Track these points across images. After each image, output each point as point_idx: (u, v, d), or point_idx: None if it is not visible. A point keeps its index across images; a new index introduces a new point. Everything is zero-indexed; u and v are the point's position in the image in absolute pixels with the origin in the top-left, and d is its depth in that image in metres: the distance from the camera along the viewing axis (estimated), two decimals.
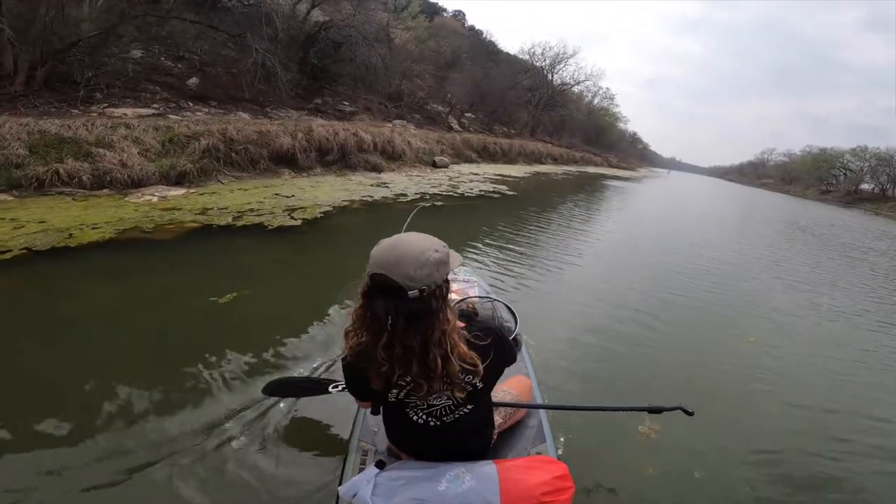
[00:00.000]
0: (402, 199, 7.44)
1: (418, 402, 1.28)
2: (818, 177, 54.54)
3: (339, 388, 1.89)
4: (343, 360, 1.29)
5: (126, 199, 5.37)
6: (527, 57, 35.15)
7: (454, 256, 1.23)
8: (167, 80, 10.94)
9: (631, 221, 10.86)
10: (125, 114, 8.65)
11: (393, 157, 11.05)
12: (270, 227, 4.64)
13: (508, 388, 1.76)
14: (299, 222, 4.93)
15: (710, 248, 7.70)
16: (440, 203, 7.52)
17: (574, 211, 10.13)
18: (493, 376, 1.34)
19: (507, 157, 20.62)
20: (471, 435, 1.40)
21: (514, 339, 1.89)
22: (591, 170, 31.51)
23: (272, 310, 3.03)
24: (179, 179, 6.35)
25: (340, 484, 1.40)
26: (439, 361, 1.14)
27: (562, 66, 35.85)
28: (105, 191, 5.67)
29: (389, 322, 1.11)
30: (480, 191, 10.12)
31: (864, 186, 47.74)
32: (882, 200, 40.58)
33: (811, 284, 6.16)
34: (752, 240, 9.50)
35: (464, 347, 1.19)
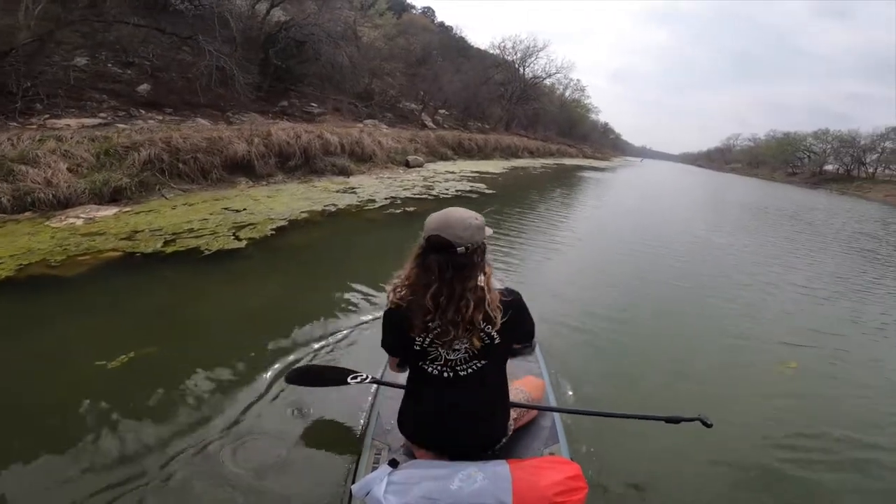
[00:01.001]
0: (371, 205, 6.66)
1: (439, 351, 1.38)
2: (784, 160, 55.38)
3: (358, 379, 1.92)
4: (386, 308, 1.45)
5: (48, 222, 4.55)
6: (497, 51, 34.57)
7: (487, 228, 1.41)
8: (115, 88, 9.97)
9: (622, 216, 10.30)
10: (68, 124, 7.75)
11: (363, 158, 10.27)
12: (208, 252, 3.84)
13: (521, 386, 1.77)
14: (244, 243, 4.13)
15: (716, 248, 7.17)
16: (412, 209, 6.76)
17: (560, 208, 9.46)
18: (508, 336, 1.41)
19: (483, 153, 19.94)
20: (484, 401, 1.46)
21: (531, 343, 2.09)
22: (567, 161, 31.05)
23: (179, 375, 2.27)
24: (115, 196, 5.51)
25: (353, 482, 1.41)
26: (471, 306, 1.32)
27: (533, 59, 35.43)
28: (27, 214, 4.83)
29: (441, 273, 1.32)
30: (457, 191, 9.39)
31: (828, 167, 48.55)
32: (847, 180, 41.19)
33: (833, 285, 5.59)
34: (757, 238, 8.29)
35: (495, 293, 1.38)
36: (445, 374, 1.41)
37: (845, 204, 22.54)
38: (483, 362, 1.41)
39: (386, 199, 7.25)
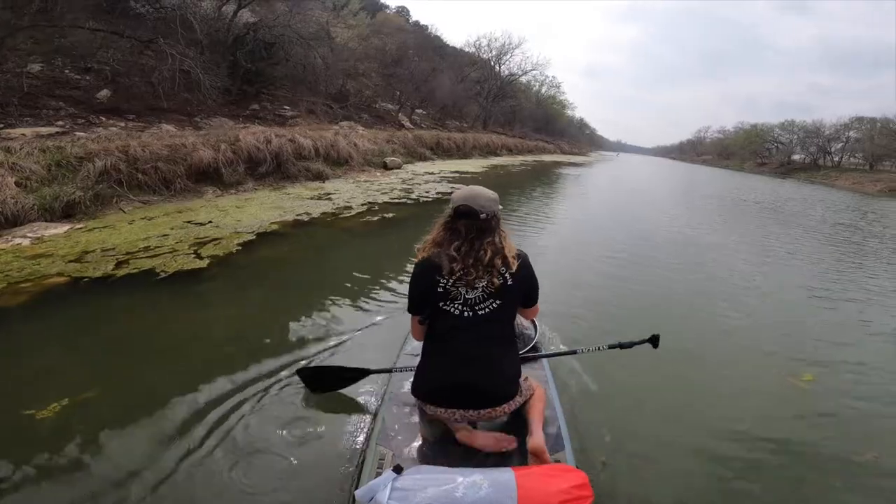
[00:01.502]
0: (347, 213, 6.26)
1: (459, 290, 1.57)
2: (752, 150, 56.52)
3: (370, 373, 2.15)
4: (417, 260, 1.67)
5: None
6: (473, 50, 34.36)
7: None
8: (73, 94, 9.39)
9: (610, 215, 10.12)
10: (23, 134, 7.22)
11: (338, 161, 9.89)
12: (164, 274, 3.44)
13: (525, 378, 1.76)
14: (206, 262, 3.73)
15: (712, 249, 7.02)
16: (390, 215, 6.42)
17: (543, 209, 9.15)
18: (519, 283, 1.62)
19: (462, 152, 19.67)
20: (498, 340, 1.61)
21: (534, 346, 2.33)
22: (546, 158, 30.99)
23: (128, 417, 1.95)
24: (68, 212, 5.07)
25: (357, 487, 1.40)
26: (489, 252, 1.58)
27: (508, 56, 35.34)
28: None
29: (467, 233, 1.60)
30: (438, 193, 9.03)
31: (796, 157, 49.72)
32: (814, 169, 42.17)
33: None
34: (745, 236, 7.97)
35: (511, 244, 1.66)
36: (466, 314, 1.57)
37: (816, 193, 22.82)
38: (498, 302, 1.59)
39: (363, 204, 6.88)
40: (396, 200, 7.65)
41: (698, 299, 4.22)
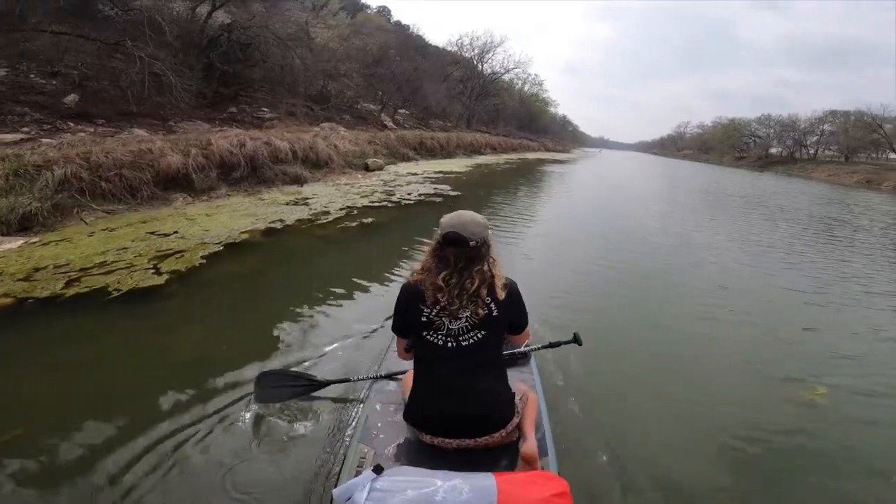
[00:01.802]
0: (324, 218, 5.98)
1: (443, 321, 1.52)
2: (731, 144, 57.24)
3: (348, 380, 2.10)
4: (404, 284, 1.63)
5: None
6: (455, 49, 34.14)
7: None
8: (39, 100, 8.99)
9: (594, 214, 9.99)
10: None
11: (318, 164, 9.62)
12: (117, 293, 3.16)
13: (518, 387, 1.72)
14: (165, 278, 3.45)
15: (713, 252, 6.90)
16: (370, 220, 6.16)
17: (529, 210, 8.98)
18: (505, 313, 1.56)
19: (445, 152, 19.46)
20: (485, 371, 1.54)
21: (525, 353, 2.18)
22: (530, 156, 30.92)
23: (70, 454, 1.74)
24: (25, 224, 4.76)
25: (336, 486, 1.33)
26: (476, 282, 1.51)
27: (490, 55, 35.21)
28: None
29: (455, 262, 1.53)
30: (420, 195, 8.79)
31: (773, 151, 50.46)
32: (791, 162, 42.82)
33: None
34: (737, 234, 7.57)
35: (499, 273, 1.58)
36: (449, 344, 1.52)
37: (796, 186, 23.00)
38: (483, 332, 1.53)
39: (341, 209, 6.63)
40: (377, 204, 7.41)
41: (694, 300, 4.09)
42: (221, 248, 4.30)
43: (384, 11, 37.61)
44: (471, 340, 1.52)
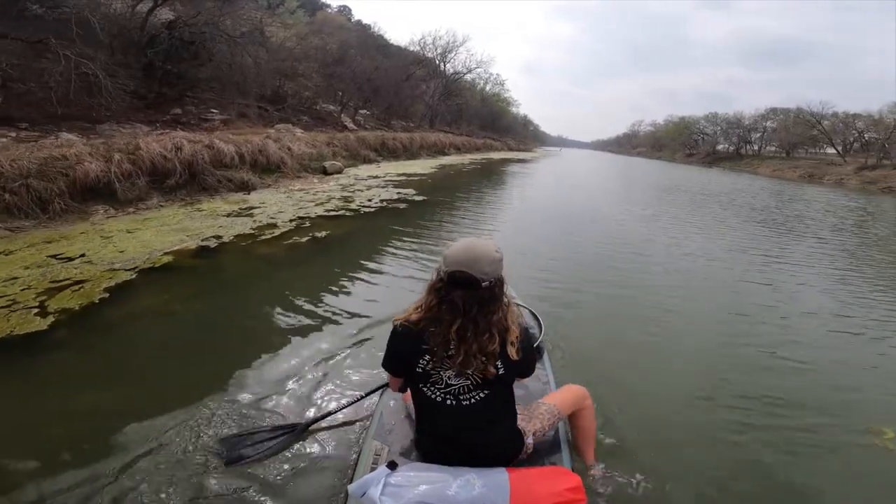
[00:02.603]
0: (269, 232, 5.20)
1: (441, 374, 1.32)
2: (682, 142, 59.02)
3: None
4: (397, 324, 1.36)
5: None
6: (418, 48, 33.52)
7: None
8: None
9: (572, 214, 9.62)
10: None
11: (269, 169, 8.87)
12: None
13: (552, 401, 1.63)
14: (51, 320, 2.69)
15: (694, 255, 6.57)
16: (324, 233, 5.40)
17: (503, 210, 8.47)
18: (513, 370, 1.35)
19: (409, 153, 18.86)
20: (485, 422, 1.36)
21: (538, 346, 2.02)
22: (494, 155, 30.62)
23: None
24: None
25: (351, 482, 1.34)
26: (496, 339, 1.28)
27: (453, 54, 34.82)
28: None
29: (466, 309, 1.26)
30: (382, 201, 8.09)
31: (721, 147, 52.29)
32: (738, 158, 44.38)
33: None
34: (712, 237, 7.12)
35: (516, 329, 1.33)
36: (448, 402, 1.35)
37: (747, 181, 23.48)
38: (485, 392, 1.35)
39: (291, 220, 5.91)
40: (333, 212, 6.72)
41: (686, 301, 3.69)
42: (134, 275, 3.54)
43: (345, 10, 36.56)
44: (472, 400, 1.34)
